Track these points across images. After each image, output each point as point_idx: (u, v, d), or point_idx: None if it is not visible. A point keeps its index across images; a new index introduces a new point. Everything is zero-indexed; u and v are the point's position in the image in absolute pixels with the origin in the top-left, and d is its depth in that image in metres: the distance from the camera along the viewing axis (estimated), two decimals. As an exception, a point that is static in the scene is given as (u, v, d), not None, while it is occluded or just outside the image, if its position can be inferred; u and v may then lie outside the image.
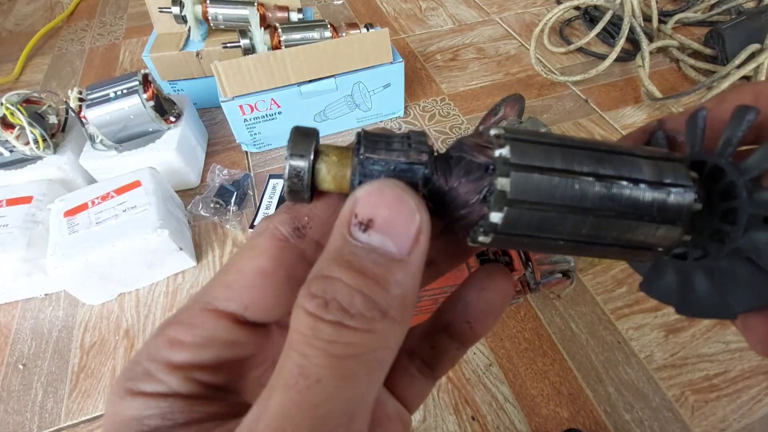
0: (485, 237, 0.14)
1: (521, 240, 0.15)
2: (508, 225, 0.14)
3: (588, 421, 0.46)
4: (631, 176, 0.14)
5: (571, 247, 0.15)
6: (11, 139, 0.58)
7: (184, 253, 0.56)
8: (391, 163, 0.15)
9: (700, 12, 0.97)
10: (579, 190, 0.14)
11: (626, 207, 0.14)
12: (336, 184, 0.16)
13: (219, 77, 0.63)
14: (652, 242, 0.15)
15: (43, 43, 1.07)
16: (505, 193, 0.14)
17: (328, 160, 0.16)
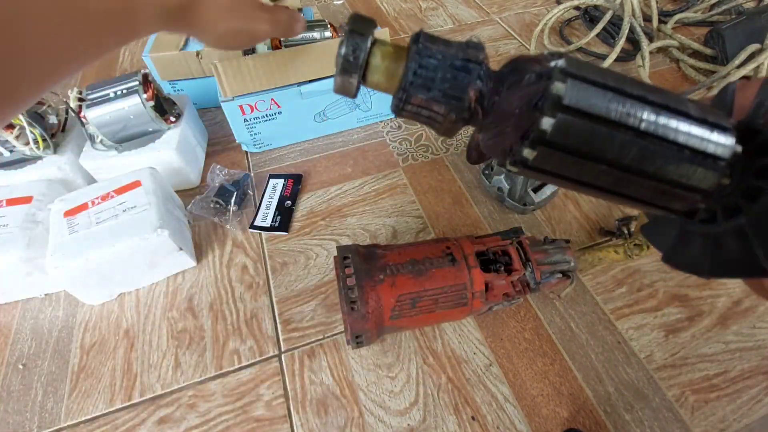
0: (531, 150, 0.14)
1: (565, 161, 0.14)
2: (559, 134, 0.13)
3: (588, 421, 0.46)
4: (677, 107, 0.14)
5: (613, 178, 0.15)
6: (11, 139, 0.58)
7: (184, 253, 0.56)
8: (449, 58, 0.14)
9: (700, 12, 0.97)
10: (629, 110, 0.13)
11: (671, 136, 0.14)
12: (386, 76, 0.15)
13: (219, 77, 0.63)
14: (690, 183, 0.14)
15: (43, 43, 1.07)
16: (560, 98, 0.13)
17: (384, 49, 0.15)
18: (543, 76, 0.14)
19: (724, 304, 0.53)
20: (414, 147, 0.75)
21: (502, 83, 0.15)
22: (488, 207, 0.65)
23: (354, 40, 0.15)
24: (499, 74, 0.15)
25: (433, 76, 0.14)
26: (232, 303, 0.56)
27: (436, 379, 0.49)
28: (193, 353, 0.52)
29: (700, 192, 0.15)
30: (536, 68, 0.14)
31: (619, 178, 0.15)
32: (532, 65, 0.14)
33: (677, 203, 0.15)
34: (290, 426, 0.47)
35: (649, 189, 0.15)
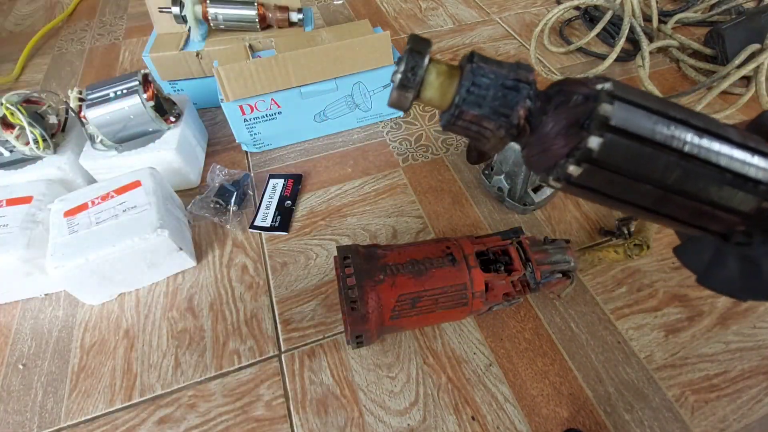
0: (576, 167, 0.14)
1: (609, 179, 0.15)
2: (605, 153, 0.14)
3: (588, 421, 0.46)
4: (719, 132, 0.14)
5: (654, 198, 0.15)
6: (11, 139, 0.58)
7: (184, 253, 0.56)
8: (500, 77, 0.15)
9: (700, 12, 0.97)
10: (673, 132, 0.14)
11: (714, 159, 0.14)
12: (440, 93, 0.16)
13: (221, 81, 0.63)
14: (731, 205, 0.15)
15: (43, 43, 1.07)
16: (608, 119, 0.14)
17: (439, 67, 0.16)
18: (590, 97, 0.14)
19: (724, 304, 0.53)
20: (414, 147, 0.75)
21: (550, 103, 0.15)
22: (488, 207, 0.65)
23: (414, 58, 0.15)
24: (547, 94, 0.16)
25: (485, 94, 0.15)
26: (232, 303, 0.56)
27: (436, 379, 0.49)
28: (193, 353, 0.52)
29: (740, 214, 0.15)
30: (583, 90, 0.15)
31: (660, 197, 0.15)
32: (579, 87, 0.15)
33: (716, 224, 0.16)
34: (290, 426, 0.47)
35: (689, 209, 0.15)
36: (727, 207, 0.15)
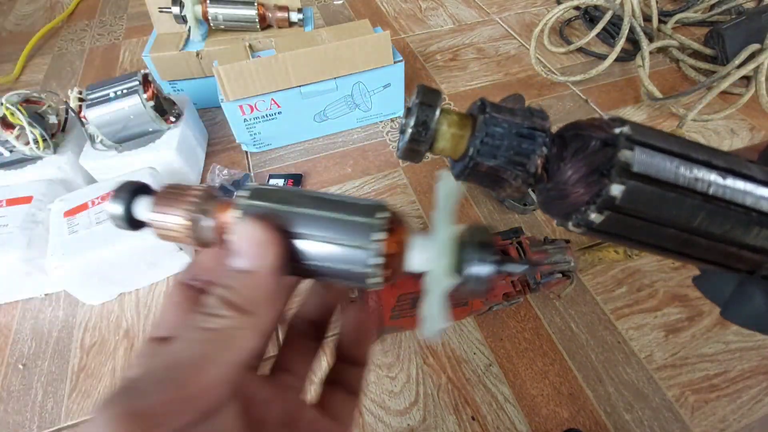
0: (598, 215, 0.14)
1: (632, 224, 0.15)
2: (627, 199, 0.14)
3: (588, 421, 0.46)
4: (742, 171, 0.14)
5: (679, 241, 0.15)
6: (11, 139, 0.58)
7: (184, 253, 0.56)
8: (514, 126, 0.15)
9: (700, 12, 0.97)
10: (696, 174, 0.14)
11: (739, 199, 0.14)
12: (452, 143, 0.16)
13: (221, 81, 0.63)
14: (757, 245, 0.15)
15: (43, 43, 1.07)
16: (629, 166, 0.14)
17: (450, 118, 0.16)
18: (608, 143, 0.14)
19: (724, 304, 0.53)
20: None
21: (566, 148, 0.15)
22: (488, 207, 0.65)
23: (425, 111, 0.15)
24: (562, 138, 0.15)
25: (499, 144, 0.15)
26: (232, 303, 0.56)
27: (436, 379, 0.49)
28: (193, 353, 0.52)
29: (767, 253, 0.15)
30: (600, 135, 0.15)
31: (685, 240, 0.15)
32: (595, 131, 0.15)
33: (742, 264, 0.16)
34: (290, 426, 0.47)
35: (714, 251, 0.15)
36: (754, 247, 0.15)
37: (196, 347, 0.14)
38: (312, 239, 0.16)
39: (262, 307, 0.15)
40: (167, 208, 0.17)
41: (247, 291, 0.15)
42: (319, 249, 0.16)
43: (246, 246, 0.15)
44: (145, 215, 0.17)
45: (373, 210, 0.16)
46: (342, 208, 0.16)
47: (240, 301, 0.15)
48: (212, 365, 0.14)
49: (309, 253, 0.16)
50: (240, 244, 0.16)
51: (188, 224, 0.17)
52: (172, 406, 0.12)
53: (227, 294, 0.15)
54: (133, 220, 0.18)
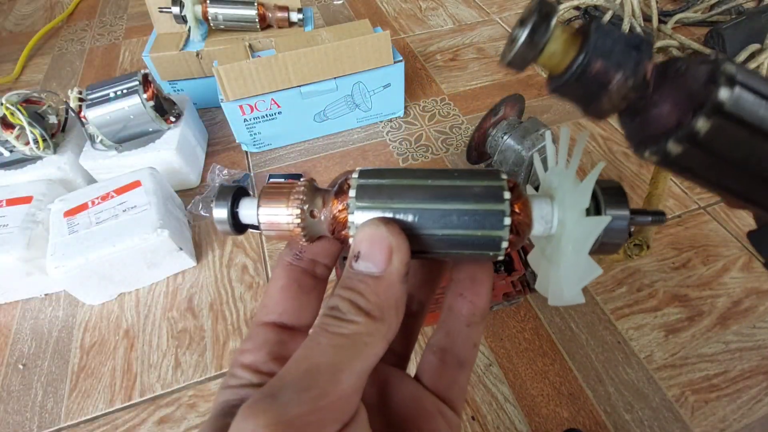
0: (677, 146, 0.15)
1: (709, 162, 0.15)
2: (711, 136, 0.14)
3: (588, 421, 0.46)
4: None
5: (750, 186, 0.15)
6: (11, 139, 0.58)
7: (184, 253, 0.56)
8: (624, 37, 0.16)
9: (700, 12, 0.97)
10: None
11: None
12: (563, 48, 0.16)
13: (221, 80, 0.63)
14: None
15: (43, 43, 1.07)
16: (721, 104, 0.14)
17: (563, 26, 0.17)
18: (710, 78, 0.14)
19: (724, 304, 0.53)
20: (414, 147, 0.75)
21: (666, 73, 0.16)
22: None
23: (543, 9, 0.16)
24: (664, 64, 0.16)
25: (612, 47, 0.16)
26: (232, 303, 0.56)
27: (436, 379, 0.49)
28: (193, 353, 0.52)
29: None
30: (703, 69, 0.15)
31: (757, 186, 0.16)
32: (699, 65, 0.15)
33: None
34: (290, 426, 0.47)
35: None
36: None
37: (330, 353, 0.13)
38: (438, 229, 0.16)
39: (392, 314, 0.15)
40: (274, 205, 0.17)
41: (377, 297, 0.15)
42: (445, 236, 0.16)
43: (374, 250, 0.15)
44: (252, 216, 0.17)
45: (494, 174, 0.16)
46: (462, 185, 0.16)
47: (370, 308, 0.14)
48: (347, 373, 0.13)
49: (434, 243, 0.16)
50: (367, 248, 0.15)
51: (298, 221, 0.16)
52: (315, 416, 0.12)
53: (359, 299, 0.15)
54: (238, 223, 0.18)
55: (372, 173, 0.17)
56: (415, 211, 0.16)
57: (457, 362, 0.19)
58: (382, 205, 0.16)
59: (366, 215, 0.16)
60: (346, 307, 0.14)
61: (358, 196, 0.16)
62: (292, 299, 0.17)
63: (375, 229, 0.15)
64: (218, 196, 0.17)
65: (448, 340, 0.19)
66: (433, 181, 0.16)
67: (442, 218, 0.16)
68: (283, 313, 0.17)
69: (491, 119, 0.62)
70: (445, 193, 0.16)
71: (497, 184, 0.16)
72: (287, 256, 0.18)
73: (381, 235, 0.15)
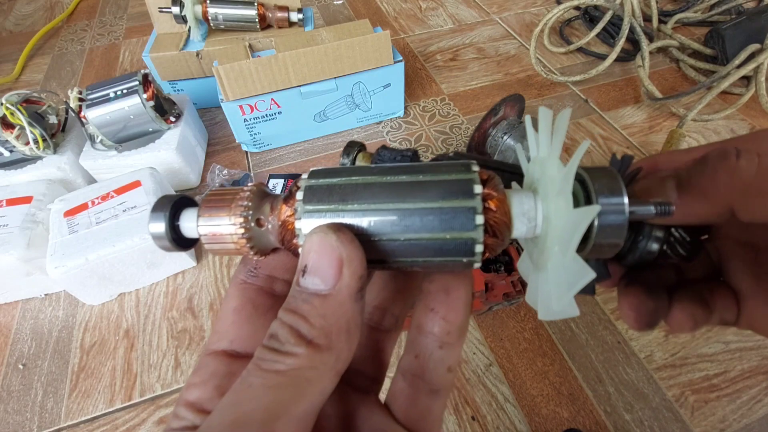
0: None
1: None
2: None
3: (588, 421, 0.46)
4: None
5: None
6: (11, 139, 0.58)
7: (184, 253, 0.56)
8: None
9: (700, 12, 0.97)
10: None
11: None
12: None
13: (220, 80, 0.63)
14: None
15: (43, 43, 1.07)
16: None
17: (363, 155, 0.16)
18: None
19: (724, 304, 0.53)
20: (414, 147, 0.75)
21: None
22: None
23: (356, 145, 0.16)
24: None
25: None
26: (232, 303, 0.56)
27: (436, 379, 0.49)
28: (193, 353, 0.52)
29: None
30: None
31: None
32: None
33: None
34: (290, 426, 0.47)
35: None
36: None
37: (263, 396, 0.11)
38: (399, 233, 0.13)
39: (341, 340, 0.13)
40: (215, 214, 0.15)
41: (323, 320, 0.12)
42: (408, 242, 0.13)
43: (322, 263, 0.13)
44: (192, 229, 0.15)
45: (463, 166, 0.14)
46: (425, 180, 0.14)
47: (314, 334, 0.12)
48: (284, 420, 0.11)
49: (396, 250, 0.14)
50: (315, 260, 0.13)
51: (242, 231, 0.14)
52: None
53: (300, 325, 0.12)
54: (179, 237, 0.15)
55: (324, 173, 0.14)
56: (371, 212, 0.13)
57: (430, 390, 0.16)
58: (334, 208, 0.14)
59: (315, 221, 0.14)
60: (284, 335, 0.12)
61: (306, 198, 0.14)
62: (245, 323, 0.15)
63: (323, 237, 0.13)
64: (155, 207, 0.15)
65: (417, 363, 0.16)
66: (392, 177, 0.14)
67: (402, 220, 0.13)
68: (235, 339, 0.15)
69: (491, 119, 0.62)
70: (405, 191, 0.13)
71: (466, 177, 0.13)
72: (241, 273, 0.16)
73: (329, 244, 0.13)
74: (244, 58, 0.67)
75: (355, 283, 0.13)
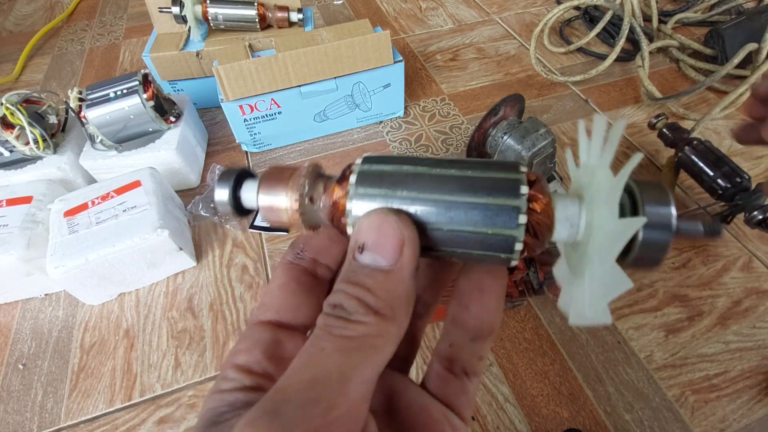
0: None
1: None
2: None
3: (588, 421, 0.46)
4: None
5: None
6: (11, 139, 0.58)
7: (184, 253, 0.56)
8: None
9: (700, 12, 0.97)
10: None
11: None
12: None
13: (220, 80, 0.63)
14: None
15: (43, 43, 1.07)
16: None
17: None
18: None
19: (724, 304, 0.53)
20: (414, 147, 0.75)
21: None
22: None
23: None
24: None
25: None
26: (232, 303, 0.56)
27: (436, 379, 0.49)
28: (193, 353, 0.52)
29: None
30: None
31: None
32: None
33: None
34: (290, 426, 0.47)
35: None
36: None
37: (336, 359, 0.12)
38: (444, 224, 0.14)
39: (402, 312, 0.14)
40: (274, 188, 0.16)
41: (387, 294, 0.13)
42: (452, 232, 0.14)
43: (384, 242, 0.14)
44: (251, 201, 0.16)
45: (511, 166, 0.14)
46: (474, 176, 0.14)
47: (380, 306, 0.13)
48: (356, 381, 0.12)
49: (439, 239, 0.14)
50: (375, 238, 0.14)
51: (297, 206, 0.16)
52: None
53: (367, 297, 0.13)
54: (240, 205, 0.17)
55: (377, 160, 0.15)
56: (419, 201, 0.14)
57: (464, 372, 0.18)
58: (384, 193, 0.15)
59: (365, 204, 0.15)
60: (353, 305, 0.13)
61: (359, 182, 0.15)
62: (289, 296, 0.16)
63: (384, 218, 0.14)
64: (221, 177, 0.17)
65: (451, 351, 0.18)
66: (441, 170, 0.15)
67: (448, 211, 0.14)
68: (280, 310, 0.16)
69: (491, 119, 0.62)
70: (453, 185, 0.14)
71: (514, 177, 0.14)
72: (288, 255, 0.17)
73: (391, 225, 0.14)
74: (244, 58, 0.67)
75: (413, 262, 0.14)
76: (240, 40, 0.75)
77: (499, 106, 0.61)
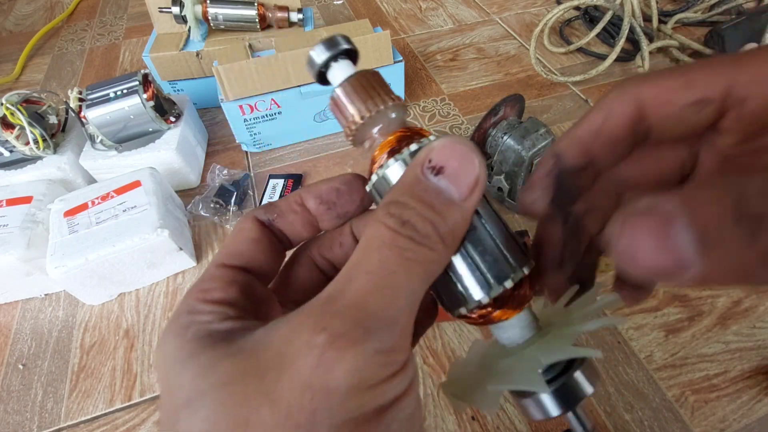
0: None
1: None
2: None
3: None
4: None
5: None
6: (11, 139, 0.58)
7: (184, 253, 0.56)
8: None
9: (700, 12, 0.97)
10: None
11: None
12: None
13: (220, 80, 0.63)
14: None
15: (43, 43, 1.07)
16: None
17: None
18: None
19: (724, 304, 0.53)
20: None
21: None
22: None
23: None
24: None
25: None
26: (232, 303, 0.56)
27: (437, 379, 0.49)
28: (193, 353, 0.52)
29: None
30: None
31: None
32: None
33: None
34: (290, 426, 0.47)
35: None
36: None
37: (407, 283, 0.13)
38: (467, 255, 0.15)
39: (456, 246, 0.14)
40: (355, 95, 0.16)
41: (455, 225, 0.13)
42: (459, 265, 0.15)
43: (463, 173, 0.13)
44: (335, 81, 0.17)
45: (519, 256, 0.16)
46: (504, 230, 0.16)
47: (447, 235, 0.13)
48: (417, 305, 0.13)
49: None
50: (455, 166, 0.13)
51: (360, 120, 0.16)
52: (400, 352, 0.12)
53: (440, 223, 0.13)
54: (324, 75, 0.17)
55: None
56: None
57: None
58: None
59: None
60: (427, 229, 0.13)
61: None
62: (263, 252, 0.16)
63: (468, 152, 0.13)
64: (329, 41, 0.17)
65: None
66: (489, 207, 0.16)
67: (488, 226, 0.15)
68: (250, 261, 0.16)
69: (491, 119, 0.62)
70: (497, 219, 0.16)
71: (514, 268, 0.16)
72: (260, 214, 0.17)
73: (472, 161, 0.13)
74: (244, 58, 0.67)
75: (477, 205, 0.14)
76: (240, 40, 0.75)
77: (499, 106, 0.61)
